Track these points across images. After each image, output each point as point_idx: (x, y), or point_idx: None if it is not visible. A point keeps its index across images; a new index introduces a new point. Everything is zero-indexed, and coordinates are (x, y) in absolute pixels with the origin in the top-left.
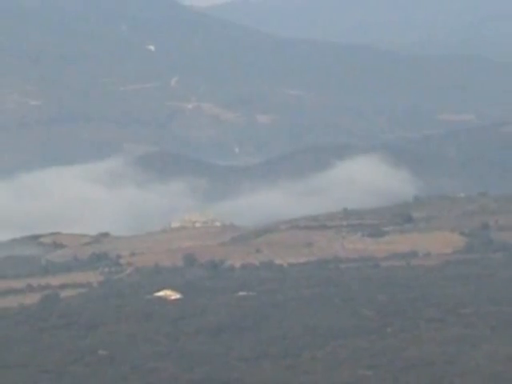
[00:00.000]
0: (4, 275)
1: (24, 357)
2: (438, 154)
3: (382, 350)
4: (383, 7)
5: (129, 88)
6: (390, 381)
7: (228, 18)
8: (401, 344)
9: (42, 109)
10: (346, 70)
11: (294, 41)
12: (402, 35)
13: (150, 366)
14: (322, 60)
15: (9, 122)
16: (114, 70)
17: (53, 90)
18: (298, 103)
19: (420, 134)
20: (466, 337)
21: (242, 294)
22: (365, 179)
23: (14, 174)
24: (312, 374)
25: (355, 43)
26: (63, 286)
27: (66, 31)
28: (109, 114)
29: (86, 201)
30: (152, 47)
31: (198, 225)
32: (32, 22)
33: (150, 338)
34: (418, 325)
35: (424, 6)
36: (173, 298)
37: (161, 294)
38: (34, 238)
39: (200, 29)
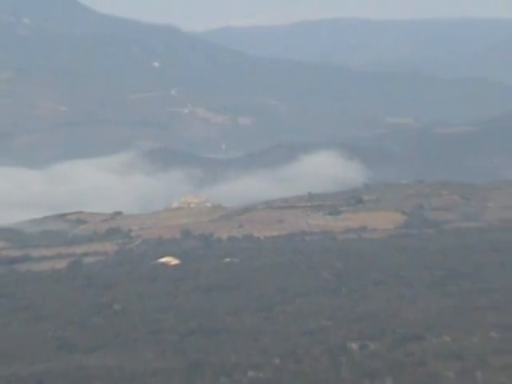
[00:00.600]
0: (38, 245)
1: (54, 310)
2: (384, 150)
3: (338, 306)
4: (343, 33)
5: (138, 96)
6: (345, 329)
7: (218, 42)
8: (353, 301)
9: (68, 113)
10: (312, 84)
11: (271, 60)
12: (359, 56)
13: (154, 317)
14: (293, 75)
15: (42, 124)
16: (126, 82)
17: (77, 99)
18: (274, 109)
19: (370, 134)
20: (405, 295)
21: (227, 260)
22: (325, 170)
23: (47, 165)
24: (283, 324)
25: (319, 62)
26: (85, 254)
27: (89, 52)
28: (121, 117)
29: (104, 186)
30: (157, 64)
31: (192, 205)
32: (62, 45)
33: (154, 296)
34: (367, 286)
35: (376, 32)
36: (173, 263)
37: (163, 260)
38: (62, 216)
39: (195, 50)
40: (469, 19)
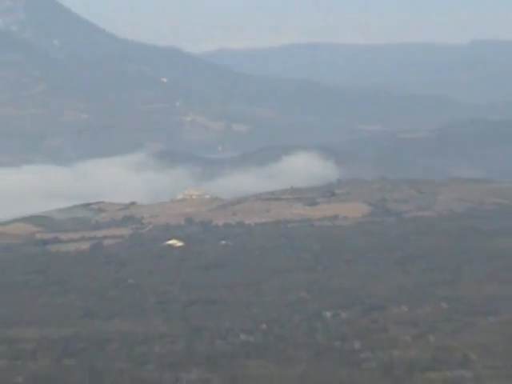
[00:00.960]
0: (66, 230)
1: (79, 284)
2: (355, 152)
3: (315, 281)
4: (326, 55)
5: (148, 107)
6: (320, 301)
7: (216, 61)
8: (327, 277)
9: (90, 121)
10: (298, 98)
11: (262, 77)
12: (339, 76)
13: (162, 290)
14: (281, 90)
15: (69, 129)
16: (138, 94)
17: (97, 108)
18: (264, 118)
19: (344, 138)
20: (370, 272)
21: (223, 242)
22: (305, 168)
23: (73, 163)
24: (269, 296)
25: (302, 79)
26: (105, 237)
27: (107, 69)
28: (135, 124)
29: (120, 181)
30: (165, 79)
31: (194, 197)
32: (85, 64)
33: (162, 272)
34: (339, 264)
35: (355, 56)
36: (178, 245)
37: (169, 242)
38: (86, 206)
39: (196, 68)
40: (430, 44)
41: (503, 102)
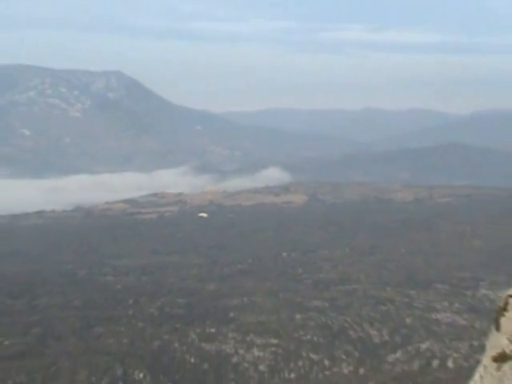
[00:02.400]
0: (144, 207)
1: (150, 235)
2: (301, 167)
3: (278, 236)
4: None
5: (188, 143)
6: (281, 246)
7: (229, 118)
8: (284, 234)
9: (161, 148)
10: (271, 139)
11: (255, 126)
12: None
13: (195, 239)
14: (261, 136)
15: (147, 153)
16: (182, 136)
17: (167, 142)
18: (252, 148)
19: (292, 159)
20: (308, 231)
21: (229, 215)
22: (274, 175)
23: (150, 171)
24: (254, 244)
25: (268, 127)
26: (165, 211)
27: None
28: (185, 151)
29: (175, 181)
30: (199, 127)
31: (213, 191)
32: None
33: (196, 230)
34: (291, 227)
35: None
36: (204, 216)
37: (200, 214)
38: (155, 194)
39: (217, 122)
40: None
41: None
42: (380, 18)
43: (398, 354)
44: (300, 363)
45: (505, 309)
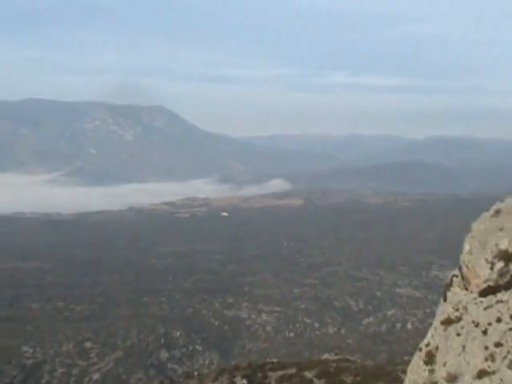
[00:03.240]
0: (180, 208)
1: (186, 227)
2: (298, 179)
3: (281, 228)
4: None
5: (215, 160)
6: (282, 236)
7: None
8: (286, 226)
9: (196, 165)
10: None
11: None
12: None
13: (219, 230)
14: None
15: (189, 167)
16: (213, 157)
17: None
18: (260, 164)
19: (291, 173)
20: (303, 224)
21: (245, 215)
22: (278, 184)
23: (186, 181)
24: (264, 235)
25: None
26: (196, 211)
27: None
28: (211, 168)
29: (202, 189)
30: (221, 147)
31: (232, 196)
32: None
33: (219, 225)
34: (290, 222)
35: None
36: (226, 215)
37: (223, 214)
38: (189, 198)
39: (225, 142)
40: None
41: None
42: (358, 66)
43: (371, 319)
44: (297, 325)
45: (450, 285)
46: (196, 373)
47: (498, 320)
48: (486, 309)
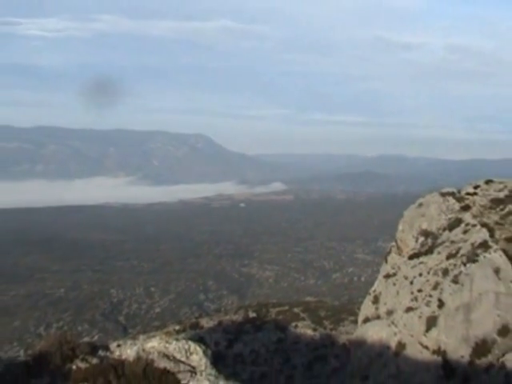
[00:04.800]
0: (213, 200)
1: (211, 219)
2: (292, 182)
3: (280, 215)
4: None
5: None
6: (281, 219)
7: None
8: (279, 215)
9: (216, 172)
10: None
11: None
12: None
13: (236, 217)
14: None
15: (208, 171)
16: (229, 165)
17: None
18: (267, 173)
19: (287, 178)
20: (295, 213)
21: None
22: (277, 185)
23: (215, 183)
24: (274, 221)
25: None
26: (223, 203)
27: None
28: (232, 174)
29: (226, 189)
30: (239, 162)
31: (247, 193)
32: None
33: (237, 213)
34: (284, 212)
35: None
36: (243, 205)
37: (241, 205)
38: (217, 195)
39: (243, 158)
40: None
41: None
42: (332, 109)
43: (338, 274)
44: (289, 278)
45: (389, 252)
46: (223, 309)
47: (420, 275)
48: (412, 267)
